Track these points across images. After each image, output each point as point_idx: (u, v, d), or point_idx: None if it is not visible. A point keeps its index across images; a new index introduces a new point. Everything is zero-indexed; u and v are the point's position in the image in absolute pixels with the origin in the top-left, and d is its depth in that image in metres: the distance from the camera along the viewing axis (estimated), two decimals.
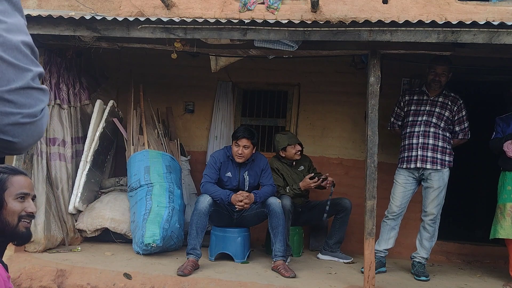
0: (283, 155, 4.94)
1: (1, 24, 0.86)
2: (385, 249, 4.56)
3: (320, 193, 5.23)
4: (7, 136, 0.86)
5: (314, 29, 3.85)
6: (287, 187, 4.81)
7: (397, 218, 4.52)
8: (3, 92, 0.85)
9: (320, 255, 4.93)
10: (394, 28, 3.72)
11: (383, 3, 4.95)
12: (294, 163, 4.99)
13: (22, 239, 1.79)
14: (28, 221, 1.79)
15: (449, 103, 4.47)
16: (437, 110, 4.44)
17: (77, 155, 5.02)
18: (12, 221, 1.74)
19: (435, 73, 4.41)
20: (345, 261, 4.79)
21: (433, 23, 3.67)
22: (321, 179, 4.66)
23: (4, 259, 1.76)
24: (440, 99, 4.47)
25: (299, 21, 3.97)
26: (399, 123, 4.69)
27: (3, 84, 0.85)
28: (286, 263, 4.28)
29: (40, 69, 0.92)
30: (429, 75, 4.46)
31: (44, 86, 0.93)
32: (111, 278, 3.89)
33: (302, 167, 5.05)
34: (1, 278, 1.38)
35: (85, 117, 5.24)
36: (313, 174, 4.71)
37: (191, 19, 3.97)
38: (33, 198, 1.84)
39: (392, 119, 4.74)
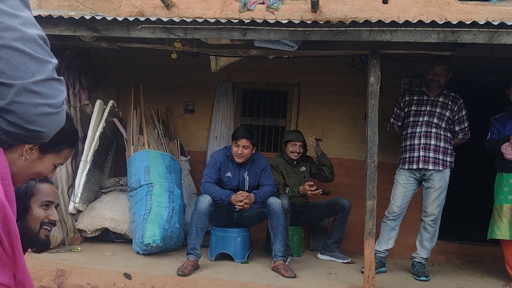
0: (284, 149, 4.99)
1: (17, 19, 0.88)
2: (385, 250, 4.56)
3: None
4: (35, 126, 0.90)
5: (314, 29, 3.85)
6: (287, 188, 4.82)
7: (397, 218, 4.52)
8: (30, 84, 0.88)
9: (319, 255, 4.93)
10: (394, 28, 3.72)
11: (383, 3, 4.95)
12: (295, 162, 5.00)
13: (42, 246, 1.81)
14: (49, 229, 1.82)
15: (450, 102, 4.46)
16: (438, 110, 4.43)
17: (77, 155, 5.02)
18: (34, 227, 1.76)
19: (434, 73, 4.41)
20: (343, 261, 4.79)
21: (433, 23, 3.67)
22: (320, 191, 4.66)
23: None
24: (441, 99, 4.46)
25: (299, 21, 3.97)
26: (399, 123, 4.69)
27: (28, 76, 0.88)
28: (286, 263, 4.28)
29: (56, 60, 0.95)
30: (428, 75, 4.46)
31: (61, 77, 0.96)
32: (111, 278, 3.89)
33: (303, 168, 5.05)
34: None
35: (85, 117, 5.23)
36: (312, 183, 4.72)
37: (191, 19, 3.97)
38: (56, 206, 1.86)
39: (391, 120, 4.73)
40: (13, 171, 1.41)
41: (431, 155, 4.37)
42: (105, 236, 4.85)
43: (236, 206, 4.35)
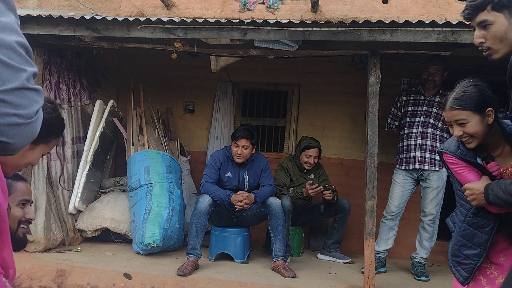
0: (299, 156, 4.90)
1: None
2: (384, 250, 4.55)
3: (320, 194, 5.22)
4: (2, 137, 0.85)
5: (314, 29, 3.85)
6: (291, 189, 4.80)
7: (396, 218, 4.52)
8: None
9: (319, 255, 4.93)
10: (394, 28, 3.72)
11: (383, 3, 4.95)
12: (305, 170, 4.96)
13: (20, 244, 1.82)
14: (26, 227, 1.82)
15: None
16: (434, 110, 4.43)
17: (77, 155, 5.02)
18: (12, 226, 1.76)
19: (429, 72, 4.41)
20: (343, 261, 4.79)
21: (433, 23, 3.67)
22: (321, 187, 4.64)
23: None
24: (437, 99, 4.46)
25: (299, 21, 3.97)
26: (396, 123, 4.69)
27: None
28: (286, 263, 4.28)
29: (35, 69, 0.90)
30: (423, 75, 4.47)
31: (38, 87, 0.91)
32: (111, 278, 3.89)
33: (312, 175, 5.01)
34: None
35: (86, 117, 5.24)
36: (311, 182, 4.70)
37: (191, 19, 3.97)
38: (31, 204, 1.87)
39: (389, 120, 4.73)
40: (5, 162, 1.42)
41: (428, 155, 4.37)
42: (105, 236, 4.85)
43: (236, 206, 4.35)
